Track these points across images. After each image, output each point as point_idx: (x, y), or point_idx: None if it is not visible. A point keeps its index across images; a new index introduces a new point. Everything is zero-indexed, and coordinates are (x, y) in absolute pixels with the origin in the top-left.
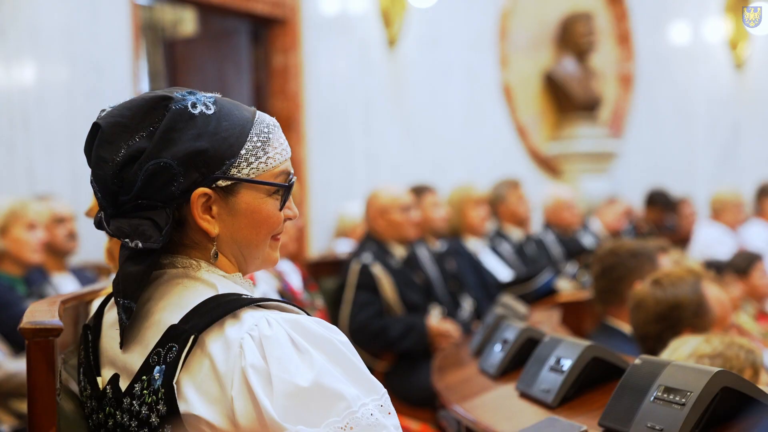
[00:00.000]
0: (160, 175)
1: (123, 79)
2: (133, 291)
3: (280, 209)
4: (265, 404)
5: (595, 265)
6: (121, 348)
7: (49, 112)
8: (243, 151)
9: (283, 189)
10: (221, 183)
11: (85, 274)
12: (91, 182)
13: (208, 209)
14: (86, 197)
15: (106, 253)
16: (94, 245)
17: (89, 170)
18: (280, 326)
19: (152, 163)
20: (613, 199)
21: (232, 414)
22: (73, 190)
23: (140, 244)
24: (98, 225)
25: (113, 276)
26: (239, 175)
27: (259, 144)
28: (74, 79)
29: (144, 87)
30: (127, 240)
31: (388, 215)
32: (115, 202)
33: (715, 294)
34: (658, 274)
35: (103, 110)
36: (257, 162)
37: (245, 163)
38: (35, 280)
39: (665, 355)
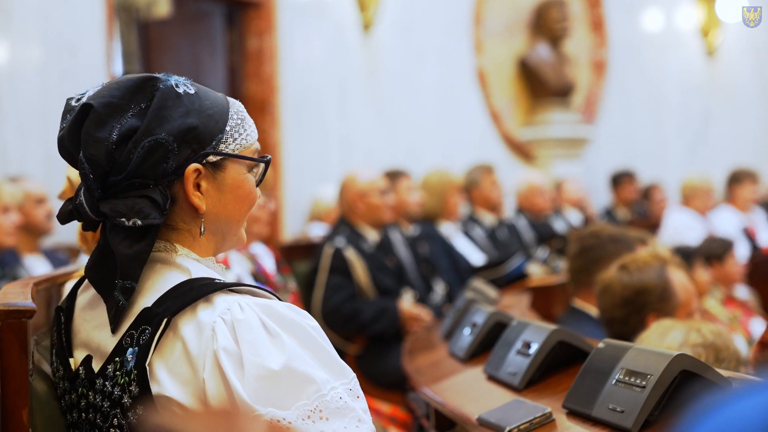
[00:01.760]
0: (156, 151)
1: (96, 60)
2: (134, 270)
3: (257, 185)
4: (236, 386)
5: (573, 244)
6: (113, 333)
7: (22, 93)
8: (228, 128)
9: (264, 164)
10: (211, 158)
11: (57, 256)
12: (81, 164)
13: (197, 186)
14: (59, 179)
15: (78, 235)
16: (66, 227)
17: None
18: (252, 310)
19: (149, 139)
20: (559, 182)
21: (204, 395)
22: (46, 171)
23: (139, 222)
24: (66, 217)
25: (83, 257)
26: (227, 150)
27: (239, 121)
28: (47, 59)
29: (117, 68)
30: (123, 219)
31: (367, 198)
32: (104, 183)
33: (680, 279)
34: (625, 259)
35: (71, 98)
36: (240, 138)
37: (231, 139)
38: (8, 262)
39: (647, 339)
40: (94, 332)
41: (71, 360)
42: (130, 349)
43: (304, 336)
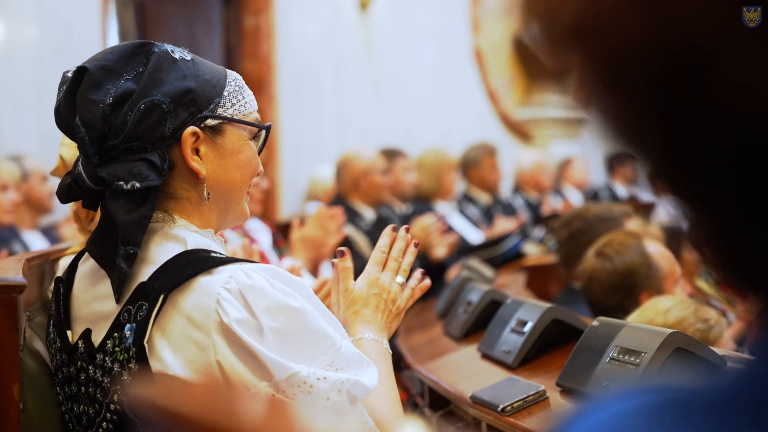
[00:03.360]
0: (152, 113)
1: (92, 37)
2: (136, 236)
3: (259, 153)
4: (262, 351)
5: (562, 229)
6: (117, 303)
7: (17, 70)
8: (225, 93)
9: (265, 130)
10: (209, 122)
11: (53, 234)
12: (77, 128)
13: (196, 151)
14: (54, 156)
15: (72, 214)
16: (62, 206)
17: (57, 130)
18: (258, 274)
19: (145, 101)
20: (566, 161)
21: (212, 371)
22: (41, 149)
23: (137, 184)
24: (66, 192)
25: (78, 235)
26: (226, 114)
27: (237, 88)
28: (43, 37)
29: None
30: (121, 183)
31: (370, 177)
32: (101, 148)
33: (658, 250)
34: (599, 245)
35: (67, 71)
36: (238, 104)
37: (229, 104)
38: (5, 238)
39: (641, 316)
40: (94, 304)
41: (69, 332)
42: (128, 325)
43: (307, 294)
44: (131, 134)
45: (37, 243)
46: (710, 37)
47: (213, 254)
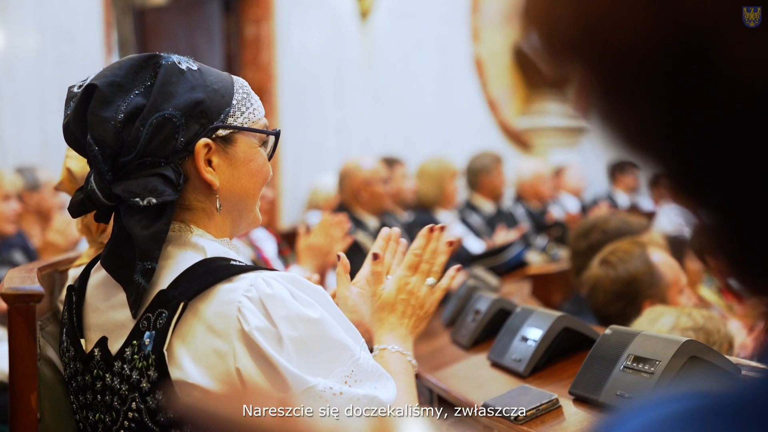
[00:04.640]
0: (164, 127)
1: (94, 47)
2: (153, 251)
3: (269, 158)
4: (281, 362)
5: (580, 240)
6: (133, 317)
7: (19, 80)
8: (234, 102)
9: (275, 136)
10: (221, 132)
11: None
12: (89, 146)
13: (208, 162)
14: (56, 166)
15: (82, 226)
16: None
17: (59, 140)
18: (279, 283)
19: (156, 115)
20: (559, 168)
21: (233, 379)
22: (43, 158)
23: (153, 200)
24: (78, 207)
25: (87, 247)
26: (236, 123)
27: (245, 95)
28: (44, 47)
29: (115, 56)
30: (137, 199)
31: (371, 187)
32: (114, 165)
33: (663, 259)
34: (604, 253)
35: (72, 86)
36: (247, 112)
37: (239, 113)
38: (13, 245)
39: (639, 326)
40: (110, 313)
41: (82, 341)
42: (147, 333)
43: (327, 303)
44: (144, 150)
45: None
46: (709, 23)
47: (233, 262)
